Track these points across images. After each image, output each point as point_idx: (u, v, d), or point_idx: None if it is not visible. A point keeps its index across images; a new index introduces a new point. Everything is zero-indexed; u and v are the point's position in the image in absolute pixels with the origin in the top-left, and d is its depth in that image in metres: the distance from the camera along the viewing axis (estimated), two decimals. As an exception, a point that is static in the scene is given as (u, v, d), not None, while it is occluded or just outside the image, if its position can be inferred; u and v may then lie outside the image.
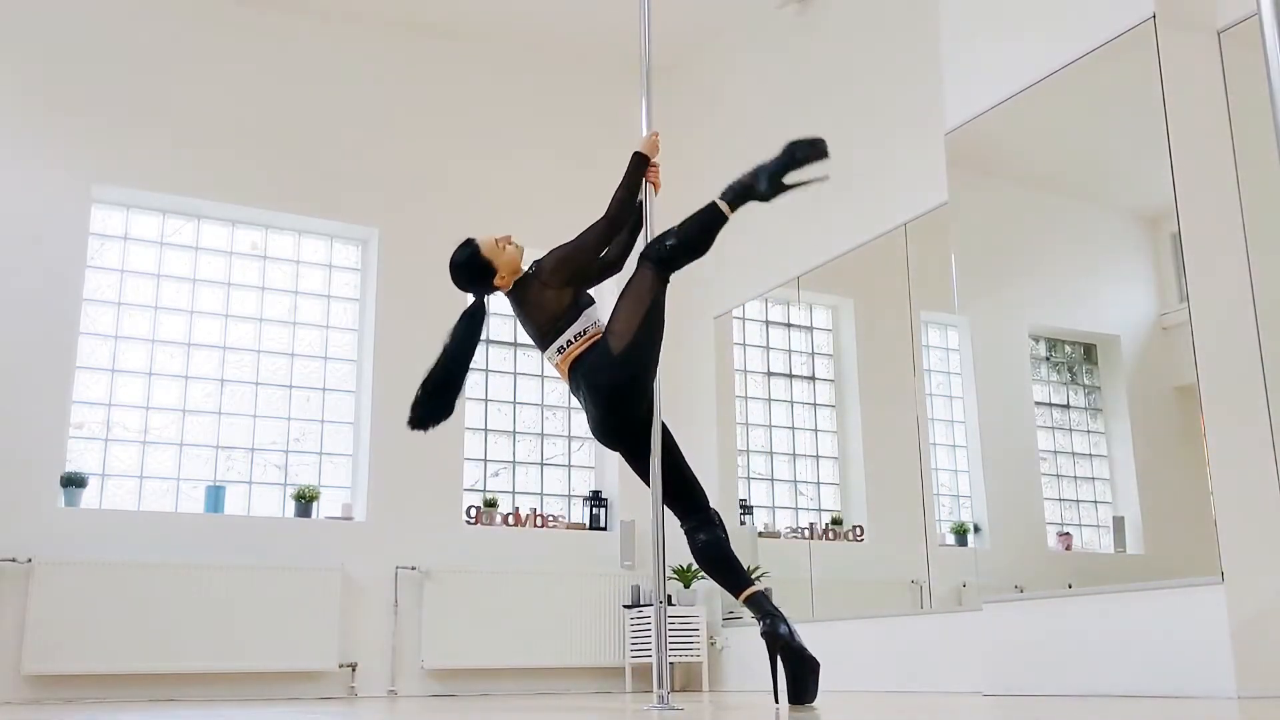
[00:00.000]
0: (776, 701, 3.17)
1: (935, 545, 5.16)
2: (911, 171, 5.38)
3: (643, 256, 3.46)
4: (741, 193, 3.61)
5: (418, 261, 6.69)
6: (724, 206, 3.55)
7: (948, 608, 5.00)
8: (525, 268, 3.56)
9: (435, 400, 3.61)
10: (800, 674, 3.14)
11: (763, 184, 3.62)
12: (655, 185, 3.74)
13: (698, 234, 3.52)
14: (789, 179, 3.62)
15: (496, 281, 3.55)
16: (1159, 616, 3.62)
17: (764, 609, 3.19)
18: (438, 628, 6.11)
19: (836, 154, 5.92)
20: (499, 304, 3.65)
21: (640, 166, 3.63)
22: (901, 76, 5.56)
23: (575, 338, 3.40)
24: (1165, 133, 3.78)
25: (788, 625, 3.16)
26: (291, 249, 6.65)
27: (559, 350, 3.42)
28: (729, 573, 3.38)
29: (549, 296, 3.43)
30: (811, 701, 3.14)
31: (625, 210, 3.53)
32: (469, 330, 3.59)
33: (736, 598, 3.31)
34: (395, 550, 6.19)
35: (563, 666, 6.32)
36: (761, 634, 3.18)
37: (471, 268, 3.55)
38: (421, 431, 3.57)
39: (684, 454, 3.50)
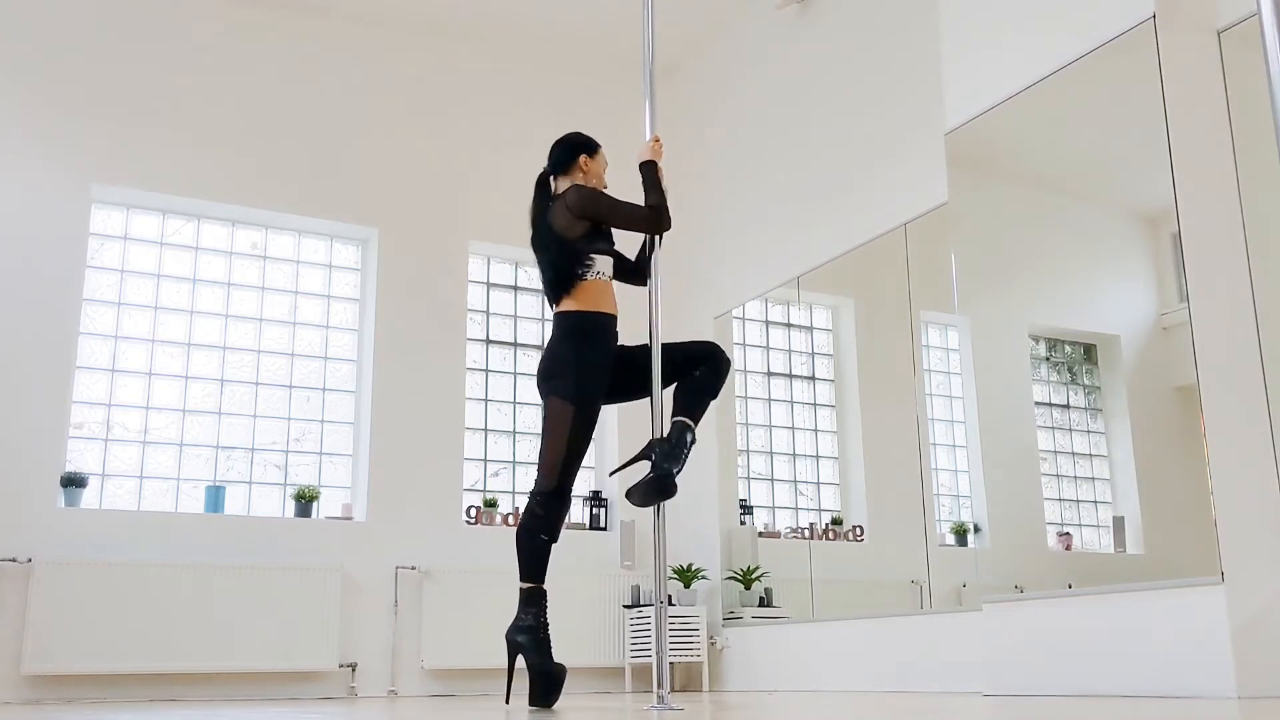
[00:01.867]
0: (610, 474, 3.60)
1: (935, 545, 5.16)
2: (911, 171, 5.38)
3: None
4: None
5: (418, 261, 6.69)
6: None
7: (948, 608, 5.00)
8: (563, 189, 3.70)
9: (545, 286, 3.73)
10: (653, 484, 3.41)
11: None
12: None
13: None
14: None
15: (559, 178, 3.76)
16: (1159, 616, 3.62)
17: (680, 436, 3.46)
18: (438, 628, 6.11)
19: (838, 153, 5.96)
20: (499, 304, 3.65)
21: (654, 173, 3.68)
22: (901, 76, 5.56)
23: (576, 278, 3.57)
24: (1165, 133, 3.78)
25: (673, 455, 3.44)
26: (291, 249, 6.65)
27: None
28: (690, 401, 3.57)
29: (567, 221, 3.58)
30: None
31: (665, 216, 3.61)
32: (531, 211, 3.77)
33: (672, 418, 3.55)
34: (395, 550, 6.19)
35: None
36: (653, 444, 3.47)
37: (563, 153, 3.78)
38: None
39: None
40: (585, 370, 3.47)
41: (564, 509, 3.51)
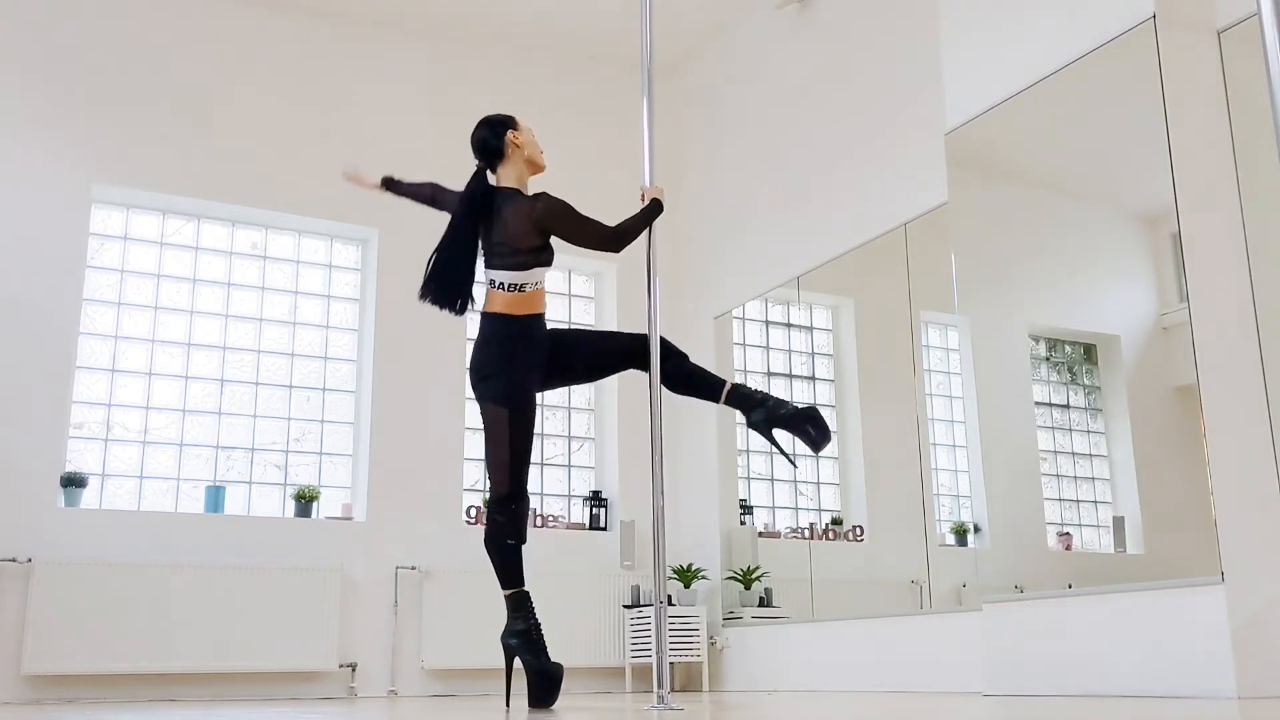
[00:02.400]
0: (794, 466, 3.40)
1: (935, 545, 5.16)
2: (911, 171, 5.38)
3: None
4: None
5: (418, 261, 6.66)
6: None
7: (948, 608, 5.00)
8: (529, 191, 3.55)
9: (443, 285, 3.55)
10: (809, 428, 3.32)
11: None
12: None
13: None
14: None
15: (499, 168, 3.56)
16: (1159, 616, 3.62)
17: (750, 400, 3.39)
18: (438, 628, 6.11)
19: (838, 153, 5.96)
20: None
21: (656, 213, 3.58)
22: (901, 76, 5.56)
23: (510, 286, 3.40)
24: (1165, 133, 3.78)
25: (770, 403, 3.37)
26: (291, 249, 6.65)
27: (495, 284, 3.44)
28: (701, 384, 3.50)
29: (523, 230, 3.39)
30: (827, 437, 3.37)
31: (625, 244, 3.51)
32: (465, 210, 3.52)
33: (719, 402, 3.46)
34: (395, 550, 6.19)
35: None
36: (751, 425, 3.39)
37: (489, 137, 3.56)
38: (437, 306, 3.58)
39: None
40: (518, 371, 3.39)
41: (523, 510, 3.43)
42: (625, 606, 6.47)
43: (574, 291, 7.26)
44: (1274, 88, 1.64)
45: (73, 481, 5.68)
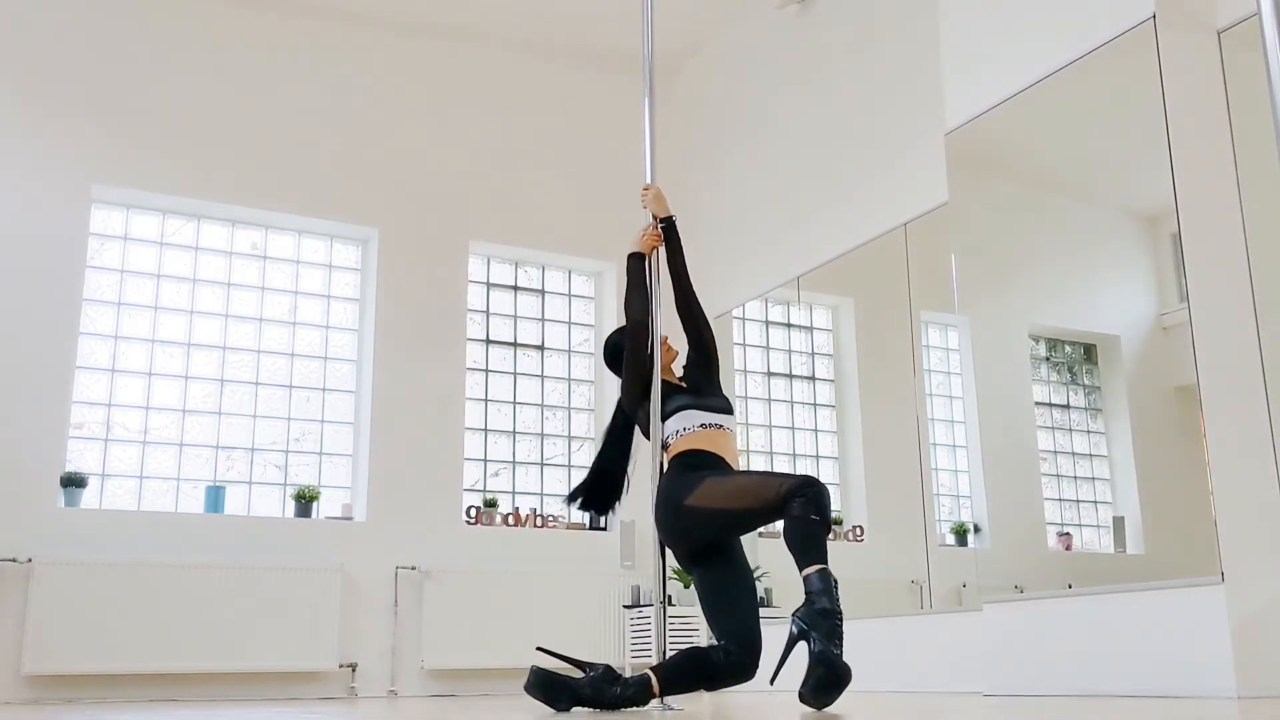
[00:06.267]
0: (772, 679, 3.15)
1: (935, 545, 5.16)
2: (911, 171, 5.38)
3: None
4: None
5: (418, 261, 6.69)
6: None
7: (948, 608, 5.00)
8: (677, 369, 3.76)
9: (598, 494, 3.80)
10: (819, 678, 3.07)
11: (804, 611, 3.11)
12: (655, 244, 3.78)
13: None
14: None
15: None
16: (1159, 616, 3.62)
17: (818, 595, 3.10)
18: (438, 628, 6.11)
19: (838, 153, 5.96)
20: (499, 304, 3.62)
21: (634, 267, 3.74)
22: (901, 76, 5.56)
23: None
24: (1165, 133, 3.78)
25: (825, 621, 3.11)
26: (291, 249, 6.65)
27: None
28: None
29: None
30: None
31: (632, 309, 3.68)
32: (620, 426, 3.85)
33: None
34: (395, 550, 6.19)
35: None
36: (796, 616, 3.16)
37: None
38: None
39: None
40: None
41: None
42: (625, 606, 6.47)
43: (574, 291, 7.26)
44: (1274, 88, 1.64)
45: (73, 481, 5.68)
